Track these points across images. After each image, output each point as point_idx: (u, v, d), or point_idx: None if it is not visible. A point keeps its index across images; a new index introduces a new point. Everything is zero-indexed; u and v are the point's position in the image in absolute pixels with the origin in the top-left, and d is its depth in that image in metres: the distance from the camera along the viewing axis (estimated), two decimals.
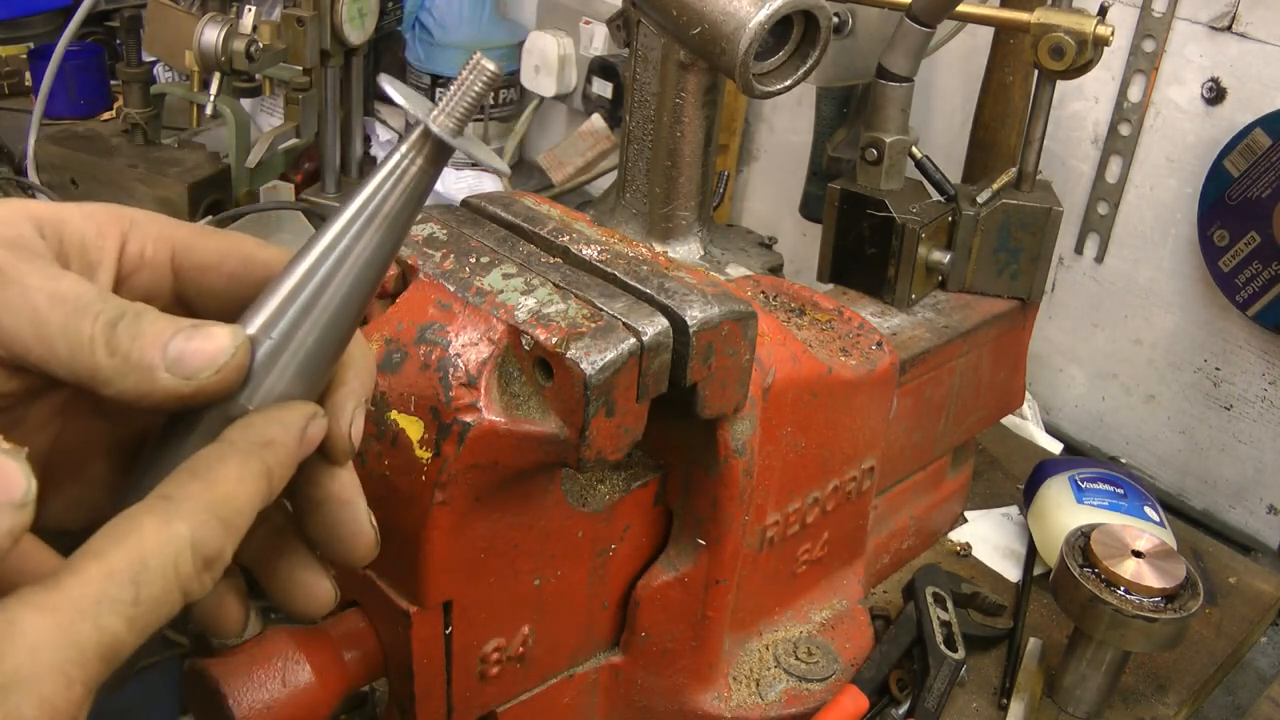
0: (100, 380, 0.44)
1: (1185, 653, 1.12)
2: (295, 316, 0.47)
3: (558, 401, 0.71)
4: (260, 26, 1.53)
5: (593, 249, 0.79)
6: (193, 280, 0.50)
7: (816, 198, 1.58)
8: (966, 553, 1.24)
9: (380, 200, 0.48)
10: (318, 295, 0.47)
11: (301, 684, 0.74)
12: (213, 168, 1.65)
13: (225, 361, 0.44)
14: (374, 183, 0.48)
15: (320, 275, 0.47)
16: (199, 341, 0.44)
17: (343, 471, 0.50)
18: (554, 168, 1.91)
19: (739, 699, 0.96)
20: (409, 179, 0.48)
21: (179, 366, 0.44)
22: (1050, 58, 1.05)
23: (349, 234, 0.48)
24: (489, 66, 0.48)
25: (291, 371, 0.47)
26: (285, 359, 0.47)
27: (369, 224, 0.48)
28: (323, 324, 0.47)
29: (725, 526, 0.87)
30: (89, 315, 0.43)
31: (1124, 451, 1.53)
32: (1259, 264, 1.30)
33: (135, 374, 0.44)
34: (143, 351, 0.43)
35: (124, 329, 0.44)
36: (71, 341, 0.43)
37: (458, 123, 0.48)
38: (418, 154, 0.48)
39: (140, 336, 0.44)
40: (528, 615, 0.83)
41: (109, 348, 0.43)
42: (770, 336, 0.88)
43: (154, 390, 0.44)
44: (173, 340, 0.44)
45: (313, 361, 0.47)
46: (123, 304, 0.44)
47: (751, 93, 1.04)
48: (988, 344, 1.17)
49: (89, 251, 0.48)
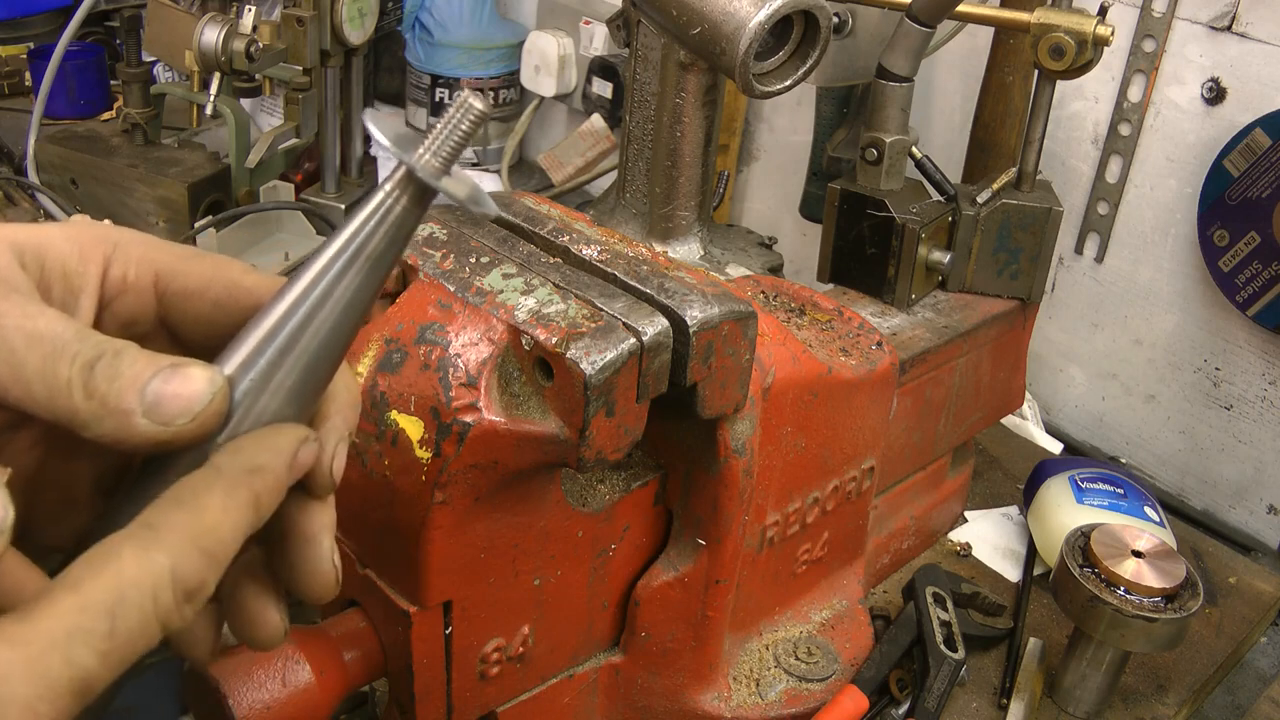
0: (78, 423, 0.43)
1: (1185, 653, 1.12)
2: (275, 357, 0.46)
3: (558, 401, 0.71)
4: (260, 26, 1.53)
5: (593, 249, 0.79)
6: (177, 306, 0.50)
7: (816, 198, 1.58)
8: (966, 553, 1.24)
9: (363, 241, 0.47)
10: (297, 336, 0.47)
11: (301, 684, 0.75)
12: (213, 168, 1.65)
13: (202, 409, 0.44)
14: (357, 222, 0.48)
15: (300, 316, 0.47)
16: (176, 385, 0.44)
17: (317, 506, 0.49)
18: (554, 168, 1.91)
19: (739, 699, 0.96)
20: (392, 220, 0.48)
21: (156, 412, 0.43)
22: (1050, 58, 1.05)
23: (330, 273, 0.47)
24: (476, 105, 0.47)
25: (271, 412, 0.47)
26: (264, 400, 0.46)
27: (351, 265, 0.47)
28: (302, 365, 0.47)
29: (725, 526, 0.87)
30: (66, 357, 0.43)
31: (1124, 451, 1.53)
32: (1259, 264, 1.30)
33: (112, 419, 0.43)
34: (120, 396, 0.43)
35: (101, 371, 0.43)
36: (49, 384, 0.43)
37: (444, 162, 0.47)
38: (401, 194, 0.48)
39: (118, 379, 0.43)
40: (528, 615, 0.83)
41: (86, 391, 0.43)
42: (770, 336, 0.88)
43: (130, 436, 0.43)
44: (150, 383, 0.43)
45: (293, 401, 0.47)
46: (101, 343, 0.44)
47: (751, 93, 1.04)
48: (988, 344, 1.17)
49: (71, 278, 0.47)
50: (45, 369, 0.43)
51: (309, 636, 0.77)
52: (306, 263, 0.48)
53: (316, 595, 0.49)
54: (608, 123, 1.83)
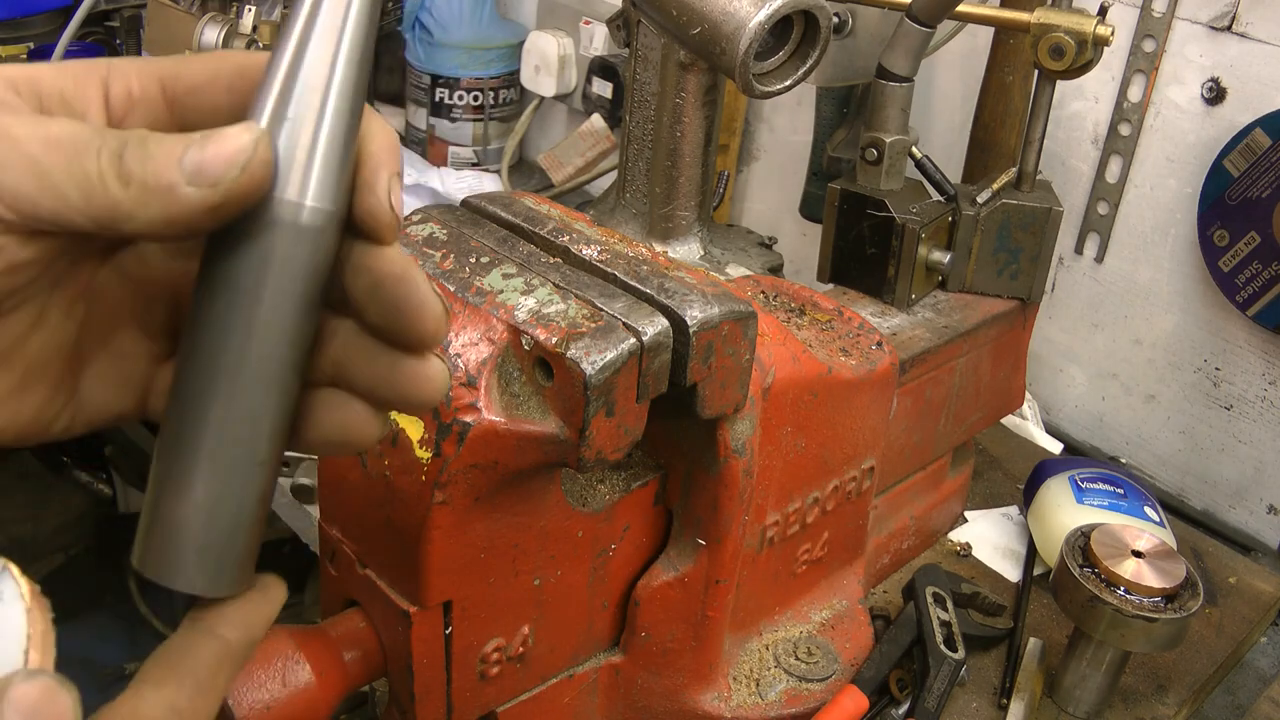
0: (122, 215, 0.41)
1: (1185, 653, 1.12)
2: (302, 89, 0.43)
3: (558, 401, 0.71)
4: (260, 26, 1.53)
5: (593, 249, 0.79)
6: (190, 105, 0.47)
7: (816, 198, 1.58)
8: (966, 553, 1.24)
9: None
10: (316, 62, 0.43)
11: (301, 684, 0.75)
12: None
13: (248, 158, 0.41)
14: None
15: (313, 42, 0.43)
16: (214, 146, 0.41)
17: (391, 250, 0.46)
18: (554, 168, 1.91)
19: (739, 699, 0.96)
20: None
21: (200, 176, 0.41)
22: (1050, 58, 1.05)
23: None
24: None
25: (320, 146, 0.43)
26: (308, 135, 0.43)
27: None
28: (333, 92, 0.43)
29: (725, 526, 0.87)
30: (91, 152, 0.41)
31: (1124, 451, 1.53)
32: (1259, 264, 1.30)
33: (157, 198, 0.41)
34: (158, 173, 0.41)
35: (131, 156, 0.41)
36: (80, 183, 0.40)
37: None
38: None
39: (151, 159, 0.41)
40: (528, 615, 0.83)
41: (121, 179, 0.41)
42: (770, 336, 0.88)
43: (181, 209, 0.41)
44: (187, 153, 0.41)
45: (336, 130, 0.44)
46: (122, 134, 0.42)
47: (751, 93, 1.05)
48: (988, 344, 1.17)
49: (71, 103, 0.45)
50: (72, 168, 0.40)
51: (309, 636, 0.77)
52: None
53: (432, 331, 0.46)
54: (608, 123, 1.83)
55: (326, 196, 0.43)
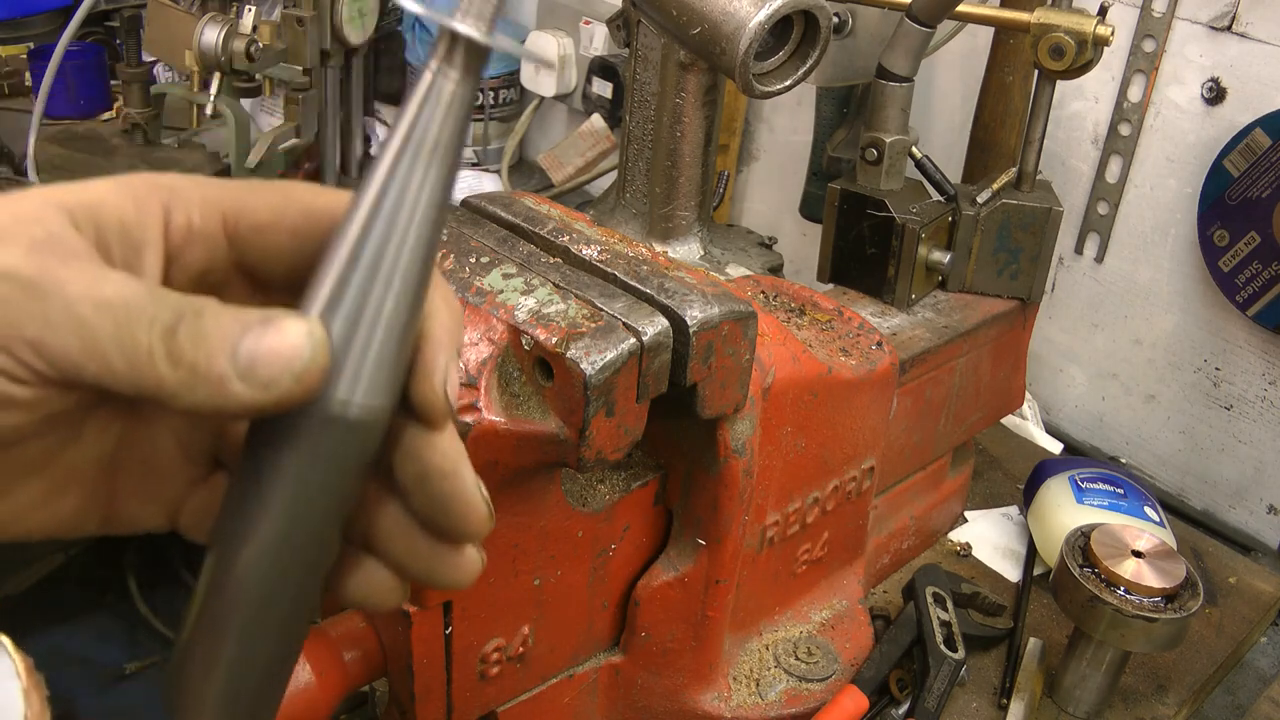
0: (166, 394, 0.39)
1: (1185, 653, 1.12)
2: (364, 279, 0.42)
3: (558, 401, 0.71)
4: (260, 26, 1.53)
5: (593, 249, 0.79)
6: (252, 244, 0.45)
7: (816, 198, 1.58)
8: (966, 553, 1.24)
9: (422, 131, 0.42)
10: (382, 250, 0.42)
11: (301, 684, 0.75)
12: (213, 168, 1.65)
13: (304, 366, 0.40)
14: (411, 111, 0.42)
15: (380, 227, 0.42)
16: (271, 341, 0.40)
17: (441, 438, 0.44)
18: (554, 168, 1.91)
19: (739, 699, 0.96)
20: (446, 100, 0.42)
21: (253, 375, 0.39)
22: (1050, 58, 1.05)
23: (398, 176, 0.42)
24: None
25: (377, 342, 0.42)
26: (365, 331, 0.42)
27: (417, 160, 0.42)
28: (397, 281, 0.42)
29: (725, 526, 0.87)
30: (143, 322, 0.39)
31: (1124, 451, 1.53)
32: (1259, 264, 1.30)
33: (205, 386, 0.39)
34: (210, 360, 0.39)
35: (185, 334, 0.39)
36: (128, 354, 0.39)
37: (487, 23, 0.42)
38: (450, 67, 0.42)
39: (204, 341, 0.39)
40: (528, 615, 0.83)
41: (171, 359, 0.39)
42: (770, 336, 0.88)
43: (228, 403, 0.40)
44: (242, 342, 0.39)
45: (394, 328, 0.42)
46: (179, 303, 0.40)
47: (751, 93, 1.05)
48: (988, 344, 1.17)
49: (131, 233, 0.43)
50: (122, 338, 0.39)
51: (309, 636, 0.77)
52: (370, 169, 0.43)
53: (473, 532, 0.45)
54: (608, 123, 1.83)
55: (379, 393, 0.42)
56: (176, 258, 0.44)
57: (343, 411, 0.42)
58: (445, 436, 0.45)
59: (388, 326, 0.42)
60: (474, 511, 0.44)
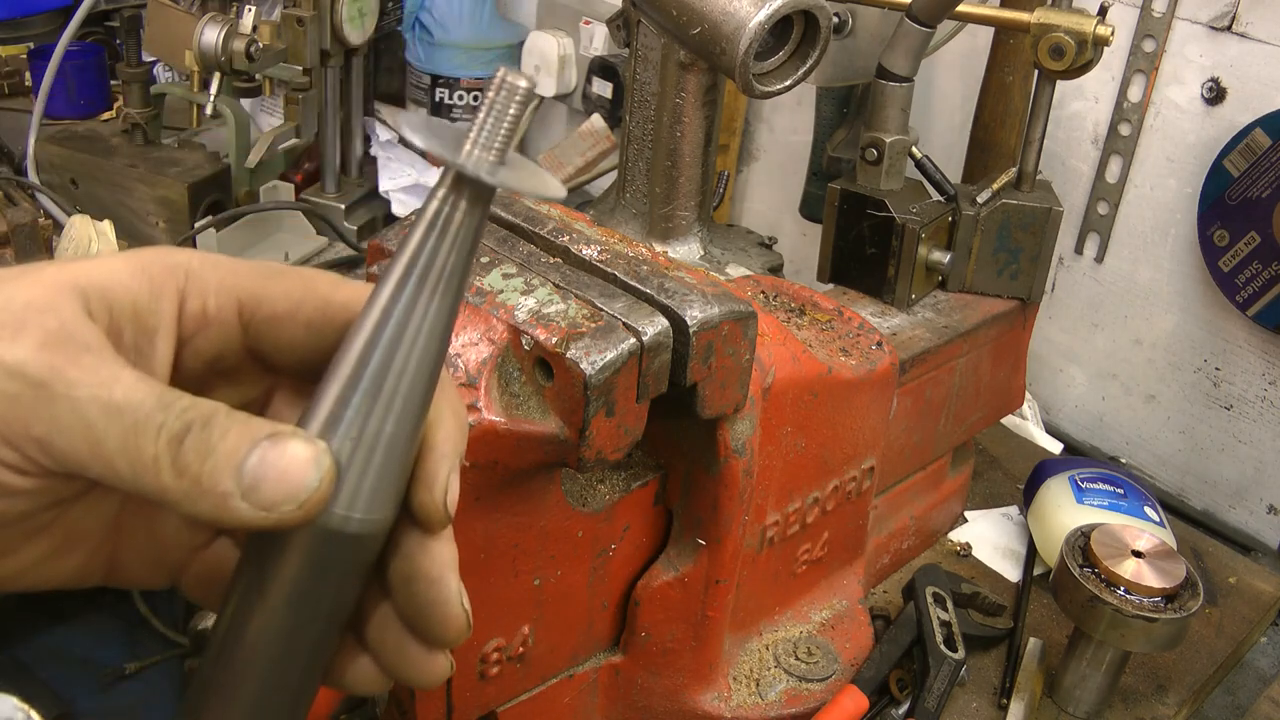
0: (169, 502, 0.40)
1: (1185, 653, 1.12)
2: (367, 402, 0.42)
3: (558, 401, 0.71)
4: (260, 26, 1.53)
5: (593, 249, 0.79)
6: (266, 334, 0.45)
7: (816, 198, 1.58)
8: (966, 553, 1.24)
9: (428, 260, 0.42)
10: (384, 374, 0.42)
11: None
12: (213, 168, 1.65)
13: (309, 495, 0.40)
14: (415, 241, 0.42)
15: (382, 353, 0.42)
16: (276, 462, 0.40)
17: (436, 544, 0.45)
18: (554, 168, 1.91)
19: (739, 699, 0.96)
20: (454, 230, 0.42)
21: (256, 496, 0.39)
22: (1050, 58, 1.05)
23: (402, 302, 0.42)
24: (519, 84, 0.41)
25: (378, 462, 0.42)
26: (366, 451, 0.42)
27: (421, 289, 0.42)
28: (398, 404, 0.42)
29: (725, 526, 0.87)
30: (150, 431, 0.39)
31: (1124, 451, 1.53)
32: (1259, 264, 1.30)
33: (208, 500, 0.40)
34: (215, 475, 0.39)
35: (191, 446, 0.39)
36: (133, 461, 0.39)
37: (497, 154, 0.41)
38: (458, 198, 0.42)
39: (211, 455, 0.39)
40: (528, 615, 0.83)
41: (176, 469, 0.39)
42: (770, 336, 0.88)
43: (229, 519, 0.40)
44: (248, 460, 0.40)
45: (397, 444, 0.43)
46: (187, 411, 0.40)
47: (751, 93, 1.05)
48: (988, 344, 1.17)
49: (144, 318, 0.43)
50: (128, 445, 0.39)
51: None
52: (375, 293, 0.43)
53: (448, 639, 0.45)
54: (608, 123, 1.83)
55: (378, 508, 0.43)
56: (189, 342, 0.45)
57: (343, 526, 0.42)
58: (439, 542, 0.45)
59: (388, 447, 0.42)
60: (453, 620, 0.45)
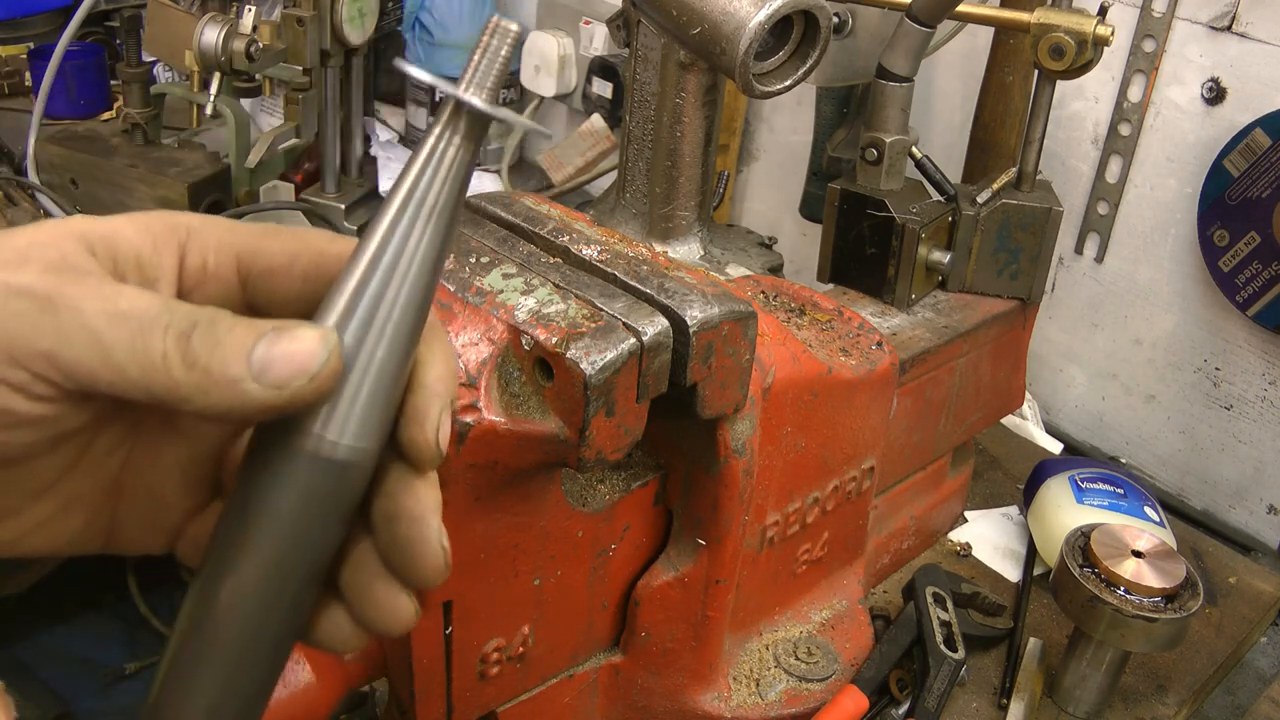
0: (181, 398, 0.41)
1: (1185, 653, 1.12)
2: (359, 328, 0.43)
3: (558, 401, 0.71)
4: (260, 26, 1.53)
5: (593, 249, 0.79)
6: (263, 287, 0.47)
7: (816, 198, 1.58)
8: (966, 553, 1.24)
9: (423, 190, 0.44)
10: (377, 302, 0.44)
11: (301, 684, 0.75)
12: (213, 168, 1.65)
13: (319, 368, 0.41)
14: (412, 173, 0.45)
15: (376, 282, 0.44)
16: (286, 345, 0.41)
17: (421, 484, 0.46)
18: (554, 168, 1.91)
19: (739, 699, 0.96)
20: (448, 162, 0.45)
21: (268, 376, 0.41)
22: (1050, 58, 1.05)
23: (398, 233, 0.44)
24: (510, 27, 0.45)
25: (368, 388, 0.44)
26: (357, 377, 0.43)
27: (416, 219, 0.44)
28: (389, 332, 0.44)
29: (725, 526, 0.87)
30: (157, 330, 0.40)
31: (1124, 451, 1.53)
32: (1259, 264, 1.30)
33: (219, 388, 0.40)
34: (225, 363, 0.40)
35: (199, 340, 0.40)
36: (142, 361, 0.40)
37: (490, 92, 0.44)
38: (453, 133, 0.45)
39: (219, 346, 0.40)
40: (528, 615, 0.83)
41: (186, 362, 0.40)
42: (770, 336, 0.88)
43: (243, 404, 0.41)
44: (257, 347, 0.41)
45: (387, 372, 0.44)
46: (192, 312, 0.41)
47: (751, 93, 1.04)
48: (988, 344, 1.17)
49: (145, 268, 0.44)
50: (136, 346, 0.40)
51: None
52: (373, 221, 0.45)
53: (426, 579, 0.46)
54: (608, 123, 1.83)
55: (367, 436, 0.44)
56: (188, 295, 0.46)
57: (331, 452, 0.43)
58: (425, 483, 0.46)
59: (379, 374, 0.44)
60: (432, 558, 0.46)
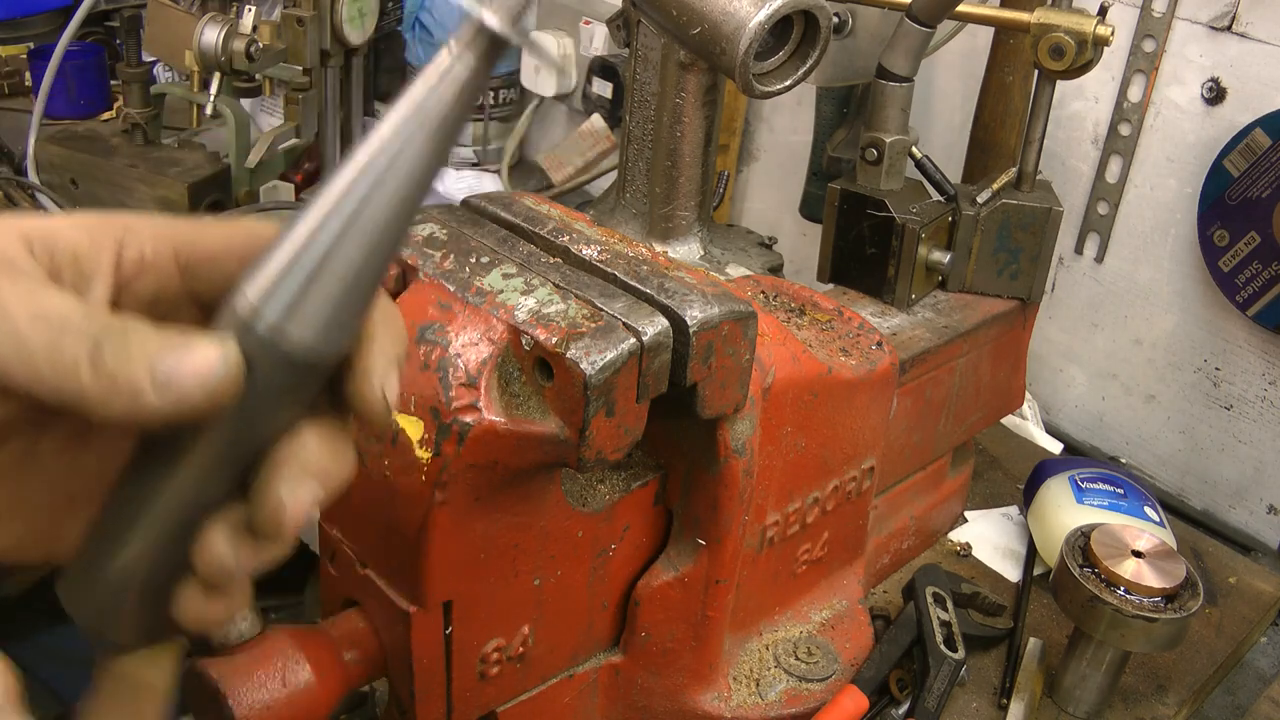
0: (87, 403, 0.42)
1: (1185, 653, 1.12)
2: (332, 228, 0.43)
3: (558, 401, 0.71)
4: (260, 26, 1.53)
5: (593, 249, 0.79)
6: (203, 274, 0.48)
7: (816, 198, 1.58)
8: (966, 553, 1.24)
9: (430, 103, 0.44)
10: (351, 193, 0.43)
11: (301, 684, 0.75)
12: (213, 168, 1.65)
13: (215, 383, 0.43)
14: (422, 84, 0.44)
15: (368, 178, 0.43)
16: (188, 358, 0.43)
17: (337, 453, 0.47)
18: (554, 168, 1.91)
19: (739, 699, 0.96)
20: (456, 77, 0.44)
21: (166, 389, 0.42)
22: (1050, 58, 1.05)
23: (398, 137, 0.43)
24: None
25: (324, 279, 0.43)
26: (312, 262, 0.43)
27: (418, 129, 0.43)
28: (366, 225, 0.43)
29: (725, 526, 0.87)
30: (73, 335, 0.42)
31: (1124, 451, 1.53)
32: (1259, 264, 1.30)
33: (122, 397, 0.42)
34: (129, 373, 0.42)
35: (110, 349, 0.42)
36: (55, 364, 0.42)
37: (511, 17, 0.43)
38: (470, 52, 0.44)
39: (127, 356, 0.42)
40: (528, 615, 0.83)
41: (94, 369, 0.42)
42: (770, 336, 0.88)
43: (141, 412, 0.43)
44: (161, 360, 0.43)
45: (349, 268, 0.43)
46: (110, 322, 0.43)
47: (751, 93, 1.04)
48: (988, 344, 1.17)
49: (83, 263, 0.46)
50: (51, 348, 0.42)
51: (309, 636, 0.77)
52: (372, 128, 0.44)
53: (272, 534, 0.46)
54: (608, 123, 1.83)
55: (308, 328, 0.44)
56: (127, 286, 0.47)
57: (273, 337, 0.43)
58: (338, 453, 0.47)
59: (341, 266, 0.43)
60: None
